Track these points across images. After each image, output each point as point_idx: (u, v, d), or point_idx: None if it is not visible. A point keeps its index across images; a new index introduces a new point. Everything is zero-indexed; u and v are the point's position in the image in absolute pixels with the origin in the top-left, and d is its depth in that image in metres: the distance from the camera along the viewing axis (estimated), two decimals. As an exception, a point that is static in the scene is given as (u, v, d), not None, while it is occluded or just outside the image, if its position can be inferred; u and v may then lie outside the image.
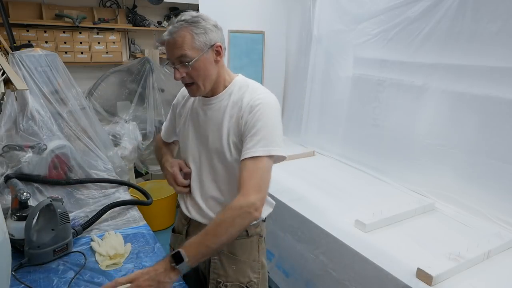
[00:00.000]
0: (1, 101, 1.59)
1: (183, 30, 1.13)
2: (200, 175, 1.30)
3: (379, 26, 2.32)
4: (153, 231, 1.59)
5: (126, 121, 3.13)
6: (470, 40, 1.86)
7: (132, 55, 3.44)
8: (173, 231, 1.49)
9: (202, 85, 1.19)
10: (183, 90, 1.37)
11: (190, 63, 1.13)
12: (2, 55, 1.85)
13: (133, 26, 3.31)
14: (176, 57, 1.14)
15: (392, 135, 2.32)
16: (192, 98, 1.34)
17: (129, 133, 2.99)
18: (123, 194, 1.89)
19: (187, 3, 3.49)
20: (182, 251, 1.02)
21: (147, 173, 3.35)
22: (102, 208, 1.62)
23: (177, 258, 1.02)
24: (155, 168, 3.24)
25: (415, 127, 2.18)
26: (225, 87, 1.25)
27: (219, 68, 1.22)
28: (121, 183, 1.97)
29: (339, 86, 2.67)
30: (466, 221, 1.86)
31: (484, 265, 1.51)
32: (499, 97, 1.76)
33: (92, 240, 1.46)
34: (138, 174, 3.41)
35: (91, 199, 1.80)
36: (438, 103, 2.05)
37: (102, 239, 1.46)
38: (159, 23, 3.47)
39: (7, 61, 1.77)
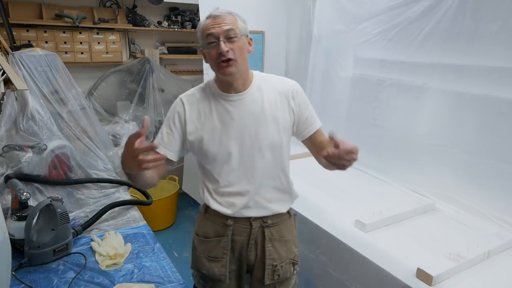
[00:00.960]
0: (1, 101, 1.59)
1: (229, 15, 1.24)
2: (246, 169, 1.30)
3: (379, 26, 2.32)
4: (153, 231, 1.59)
5: (126, 121, 3.14)
6: (470, 40, 1.86)
7: (132, 55, 3.44)
8: (204, 237, 1.38)
9: (240, 64, 1.22)
10: (188, 98, 1.33)
11: (236, 38, 1.20)
12: (2, 55, 1.85)
13: (133, 26, 3.30)
14: (224, 30, 1.19)
15: (392, 135, 2.31)
16: (208, 102, 1.30)
17: (129, 133, 2.97)
18: (123, 194, 1.90)
19: (187, 3, 3.49)
20: None
21: (147, 173, 3.35)
22: (102, 208, 1.62)
23: None
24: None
25: (415, 127, 2.18)
26: (251, 81, 1.31)
27: (247, 61, 1.28)
28: (121, 183, 1.97)
29: (339, 86, 2.67)
30: (466, 221, 1.86)
31: (484, 265, 1.51)
32: (499, 97, 1.76)
33: (92, 240, 1.47)
34: (138, 174, 3.40)
35: (91, 199, 1.80)
36: (438, 103, 2.05)
37: (102, 239, 1.46)
38: (159, 23, 3.47)
39: (7, 61, 1.77)
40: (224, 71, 1.21)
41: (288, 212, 1.42)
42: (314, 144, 1.40)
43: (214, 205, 1.33)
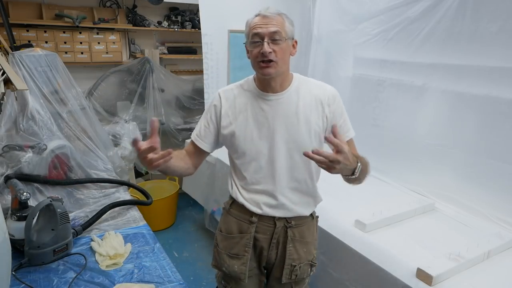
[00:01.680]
0: (1, 101, 1.59)
1: (279, 16, 1.24)
2: (273, 169, 1.31)
3: (379, 26, 2.32)
4: (153, 231, 1.59)
5: (126, 121, 3.13)
6: (470, 40, 1.86)
7: (132, 55, 3.44)
8: (227, 233, 1.41)
9: (280, 66, 1.23)
10: (225, 93, 1.37)
11: (281, 41, 1.20)
12: (2, 55, 1.85)
13: (133, 26, 3.30)
14: (270, 32, 1.19)
15: (392, 135, 2.32)
16: (244, 99, 1.33)
17: (129, 133, 2.98)
18: (123, 194, 1.89)
19: (187, 3, 3.49)
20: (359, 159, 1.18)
21: (147, 173, 3.35)
22: (102, 208, 1.62)
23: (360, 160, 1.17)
24: (155, 168, 3.23)
25: (415, 127, 2.18)
26: (290, 82, 1.33)
27: (289, 63, 1.30)
28: (121, 183, 1.97)
29: (339, 86, 2.64)
30: (466, 221, 1.86)
31: (484, 265, 1.51)
32: (499, 97, 1.76)
33: (92, 240, 1.46)
34: (138, 174, 3.41)
35: (91, 199, 1.79)
36: (438, 103, 2.05)
37: (102, 239, 1.46)
38: (159, 23, 3.47)
39: (7, 61, 1.77)
40: (263, 71, 1.23)
41: (311, 214, 1.43)
42: None
43: (241, 199, 1.36)
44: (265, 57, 1.20)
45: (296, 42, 1.30)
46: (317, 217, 1.49)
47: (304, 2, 2.93)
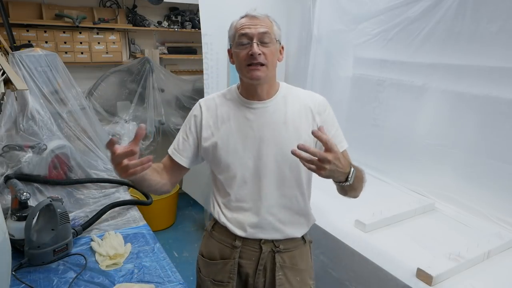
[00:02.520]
0: (1, 101, 1.59)
1: (266, 18, 1.19)
2: (260, 184, 1.21)
3: (379, 26, 2.32)
4: (153, 231, 1.59)
5: (126, 121, 3.13)
6: (470, 40, 1.86)
7: (132, 55, 3.44)
8: (209, 258, 1.31)
9: (270, 71, 1.17)
10: (206, 102, 1.27)
11: (270, 44, 1.14)
12: (2, 55, 1.85)
13: (133, 26, 3.30)
14: (259, 32, 1.13)
15: (392, 135, 2.31)
16: (227, 108, 1.24)
17: (129, 133, 2.99)
18: (123, 194, 1.90)
19: (187, 3, 3.49)
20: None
21: (147, 173, 3.35)
22: (102, 208, 1.62)
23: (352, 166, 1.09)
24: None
25: (415, 127, 2.18)
26: (277, 90, 1.25)
27: (275, 69, 1.22)
28: (121, 183, 1.97)
29: (339, 86, 2.66)
30: (466, 221, 1.86)
31: (484, 265, 1.51)
32: (499, 97, 1.76)
33: (92, 240, 1.47)
34: (138, 174, 3.40)
35: (91, 199, 1.80)
36: (438, 103, 2.05)
37: (102, 239, 1.46)
38: (159, 23, 3.47)
39: (7, 61, 1.77)
40: (252, 75, 1.14)
41: (303, 237, 1.30)
42: None
43: (223, 219, 1.25)
44: (254, 60, 1.11)
45: (283, 47, 1.23)
46: (311, 242, 1.36)
47: (304, 2, 2.93)
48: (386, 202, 1.95)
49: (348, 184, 1.08)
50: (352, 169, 1.07)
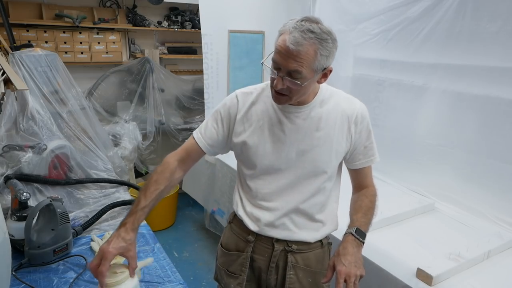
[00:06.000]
0: (1, 101, 1.58)
1: (311, 46, 0.99)
2: (284, 187, 1.20)
3: (379, 26, 2.32)
4: (153, 231, 1.59)
5: (126, 121, 3.13)
6: (470, 40, 1.86)
7: (132, 55, 3.44)
8: (226, 249, 1.33)
9: (294, 100, 1.11)
10: (244, 96, 1.22)
11: (299, 82, 1.03)
12: (2, 55, 1.85)
13: (133, 26, 3.30)
14: (289, 69, 1.01)
15: (392, 135, 2.31)
16: (263, 106, 1.20)
17: (129, 133, 2.99)
18: (123, 194, 1.89)
19: (187, 3, 3.49)
20: (361, 228, 1.15)
21: (147, 173, 3.35)
22: (102, 208, 1.62)
23: (361, 234, 1.13)
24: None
25: (415, 127, 2.18)
26: (315, 95, 1.19)
27: (309, 91, 1.14)
28: (121, 183, 1.97)
29: (339, 86, 2.62)
30: (466, 221, 1.86)
31: (484, 265, 1.51)
32: (499, 97, 1.76)
33: (92, 240, 1.46)
34: (138, 174, 3.41)
35: (91, 199, 1.79)
36: (438, 103, 2.05)
37: (102, 239, 1.46)
38: (159, 23, 3.47)
39: (7, 61, 1.77)
40: (274, 98, 1.11)
41: (321, 241, 1.28)
42: (358, 177, 1.32)
43: (240, 212, 1.26)
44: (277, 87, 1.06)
45: (330, 71, 1.10)
46: (330, 243, 1.33)
47: (304, 2, 2.93)
48: (386, 202, 1.95)
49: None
50: (364, 240, 1.14)
